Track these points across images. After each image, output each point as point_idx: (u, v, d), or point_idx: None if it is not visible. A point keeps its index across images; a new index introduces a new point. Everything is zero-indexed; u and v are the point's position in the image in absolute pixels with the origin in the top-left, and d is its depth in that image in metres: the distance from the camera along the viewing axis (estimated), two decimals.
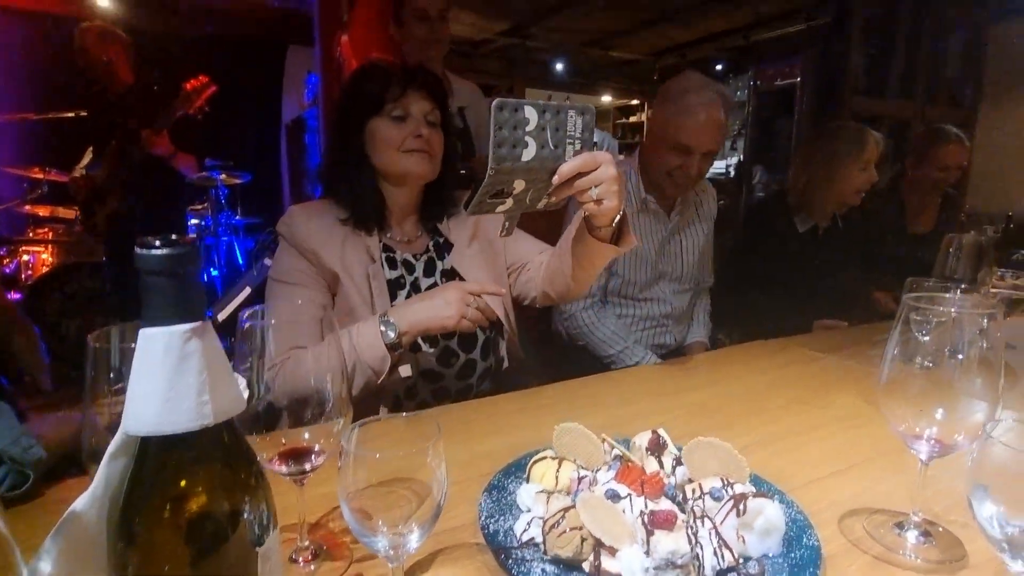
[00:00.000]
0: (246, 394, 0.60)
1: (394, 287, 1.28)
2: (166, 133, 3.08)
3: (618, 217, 1.03)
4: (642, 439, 0.81)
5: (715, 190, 2.01)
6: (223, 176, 4.27)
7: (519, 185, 0.89)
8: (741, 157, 6.35)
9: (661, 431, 0.81)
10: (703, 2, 5.35)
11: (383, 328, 1.11)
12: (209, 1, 4.84)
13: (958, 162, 2.46)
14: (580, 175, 0.92)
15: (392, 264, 1.30)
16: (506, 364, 1.43)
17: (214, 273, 4.46)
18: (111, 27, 3.14)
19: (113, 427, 0.53)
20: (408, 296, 1.28)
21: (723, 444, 0.74)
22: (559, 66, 7.89)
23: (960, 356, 0.67)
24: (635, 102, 9.48)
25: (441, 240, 1.38)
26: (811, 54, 4.70)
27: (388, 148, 1.24)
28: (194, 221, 4.65)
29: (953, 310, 0.67)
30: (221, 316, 3.11)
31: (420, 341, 1.26)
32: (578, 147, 0.91)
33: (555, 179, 0.91)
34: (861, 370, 1.37)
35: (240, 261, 4.70)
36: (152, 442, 0.40)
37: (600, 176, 0.93)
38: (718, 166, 7.41)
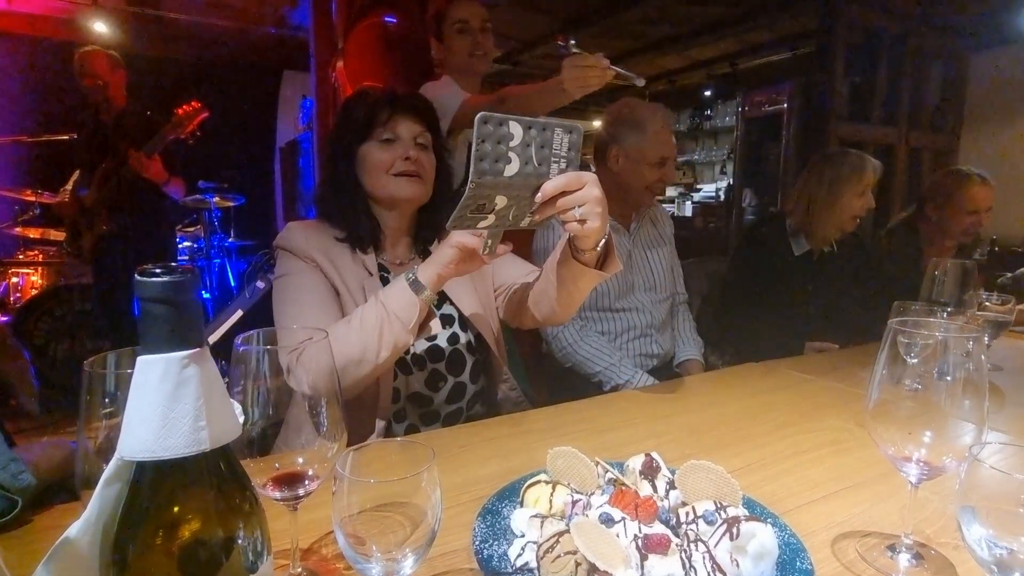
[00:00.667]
0: (241, 419, 0.60)
1: None
2: (158, 157, 3.10)
3: (603, 241, 1.03)
4: (636, 462, 0.81)
5: (665, 208, 2.21)
6: (216, 198, 4.29)
7: (501, 201, 0.87)
8: (731, 181, 6.43)
9: (655, 454, 0.82)
10: (691, 31, 5.47)
11: (408, 277, 1.09)
12: (208, 27, 4.91)
13: (988, 204, 2.33)
14: (564, 194, 0.91)
15: (385, 285, 1.30)
16: (497, 386, 1.42)
17: (206, 296, 4.45)
18: (109, 52, 3.18)
19: (106, 453, 0.53)
20: None
21: (716, 467, 0.74)
22: None
23: (948, 378, 0.68)
24: None
25: None
26: (797, 81, 4.80)
27: (378, 172, 1.25)
28: (186, 243, 4.65)
29: (938, 334, 0.69)
30: (212, 339, 3.09)
31: (409, 363, 1.27)
32: (563, 166, 0.89)
33: (538, 197, 0.89)
34: (851, 392, 1.39)
35: (232, 284, 4.69)
36: (148, 467, 0.40)
37: (584, 196, 0.91)
38: (708, 190, 7.51)
